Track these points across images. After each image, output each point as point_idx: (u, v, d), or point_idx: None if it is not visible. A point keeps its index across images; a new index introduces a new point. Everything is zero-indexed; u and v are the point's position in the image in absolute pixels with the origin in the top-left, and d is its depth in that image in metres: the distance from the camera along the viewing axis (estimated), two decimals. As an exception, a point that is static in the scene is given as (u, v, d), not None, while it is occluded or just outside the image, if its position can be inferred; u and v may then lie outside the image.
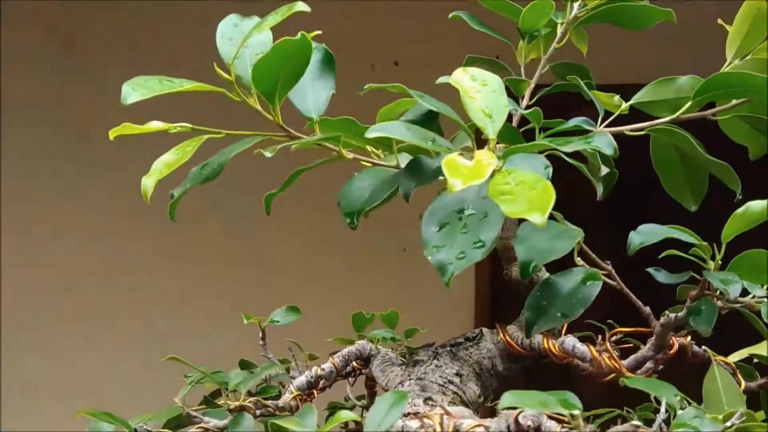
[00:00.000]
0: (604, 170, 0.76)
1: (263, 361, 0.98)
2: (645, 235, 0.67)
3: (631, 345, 0.80)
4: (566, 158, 0.67)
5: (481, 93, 0.64)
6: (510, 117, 0.78)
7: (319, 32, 0.70)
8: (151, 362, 2.90)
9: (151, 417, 0.85)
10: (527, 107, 0.87)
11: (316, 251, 2.97)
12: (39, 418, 2.84)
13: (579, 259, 0.73)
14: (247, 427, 0.76)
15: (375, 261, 2.90)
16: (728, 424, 0.60)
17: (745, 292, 0.72)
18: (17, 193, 2.98)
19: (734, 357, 0.80)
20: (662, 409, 0.63)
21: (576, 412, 0.55)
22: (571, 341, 0.78)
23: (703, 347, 0.76)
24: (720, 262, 0.73)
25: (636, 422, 0.60)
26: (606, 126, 0.82)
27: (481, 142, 0.68)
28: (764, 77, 0.74)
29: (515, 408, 0.63)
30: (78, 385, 2.92)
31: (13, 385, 2.95)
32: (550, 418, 0.62)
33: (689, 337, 0.75)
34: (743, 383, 0.77)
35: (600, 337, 0.78)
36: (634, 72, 2.09)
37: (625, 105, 0.84)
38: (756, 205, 0.72)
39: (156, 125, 0.72)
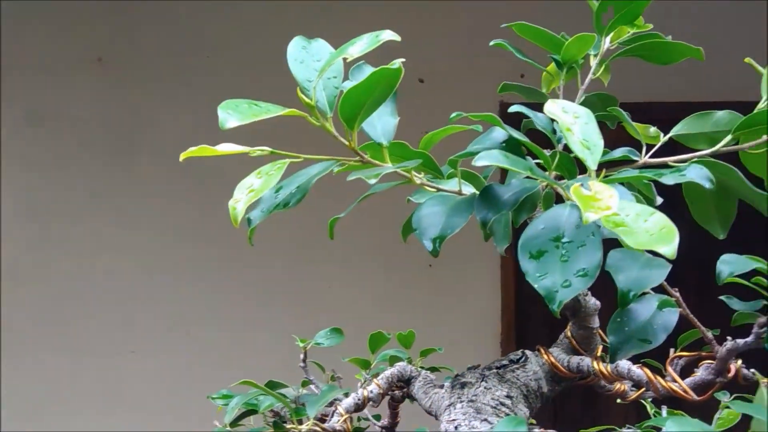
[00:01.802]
0: (659, 200, 0.79)
1: (293, 381, 0.97)
2: (732, 264, 0.70)
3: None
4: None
5: (577, 125, 0.66)
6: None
7: (404, 60, 0.70)
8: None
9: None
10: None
11: (341, 267, 2.95)
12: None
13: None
14: (316, 452, 0.75)
15: (401, 277, 2.90)
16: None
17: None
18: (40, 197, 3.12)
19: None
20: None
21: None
22: (625, 364, 0.80)
23: (752, 370, 0.80)
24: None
25: None
26: (650, 157, 0.85)
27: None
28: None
29: None
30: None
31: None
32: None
33: (740, 361, 0.79)
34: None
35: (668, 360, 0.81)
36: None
37: (664, 137, 0.87)
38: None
39: (232, 148, 0.71)
